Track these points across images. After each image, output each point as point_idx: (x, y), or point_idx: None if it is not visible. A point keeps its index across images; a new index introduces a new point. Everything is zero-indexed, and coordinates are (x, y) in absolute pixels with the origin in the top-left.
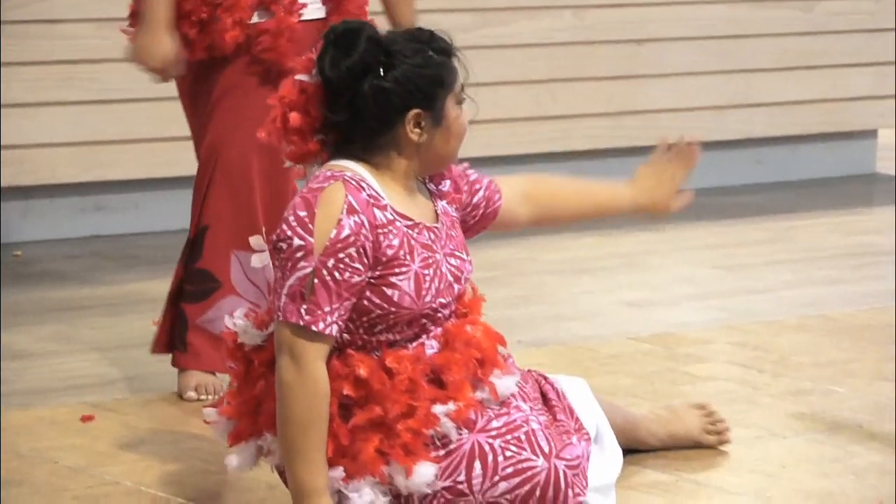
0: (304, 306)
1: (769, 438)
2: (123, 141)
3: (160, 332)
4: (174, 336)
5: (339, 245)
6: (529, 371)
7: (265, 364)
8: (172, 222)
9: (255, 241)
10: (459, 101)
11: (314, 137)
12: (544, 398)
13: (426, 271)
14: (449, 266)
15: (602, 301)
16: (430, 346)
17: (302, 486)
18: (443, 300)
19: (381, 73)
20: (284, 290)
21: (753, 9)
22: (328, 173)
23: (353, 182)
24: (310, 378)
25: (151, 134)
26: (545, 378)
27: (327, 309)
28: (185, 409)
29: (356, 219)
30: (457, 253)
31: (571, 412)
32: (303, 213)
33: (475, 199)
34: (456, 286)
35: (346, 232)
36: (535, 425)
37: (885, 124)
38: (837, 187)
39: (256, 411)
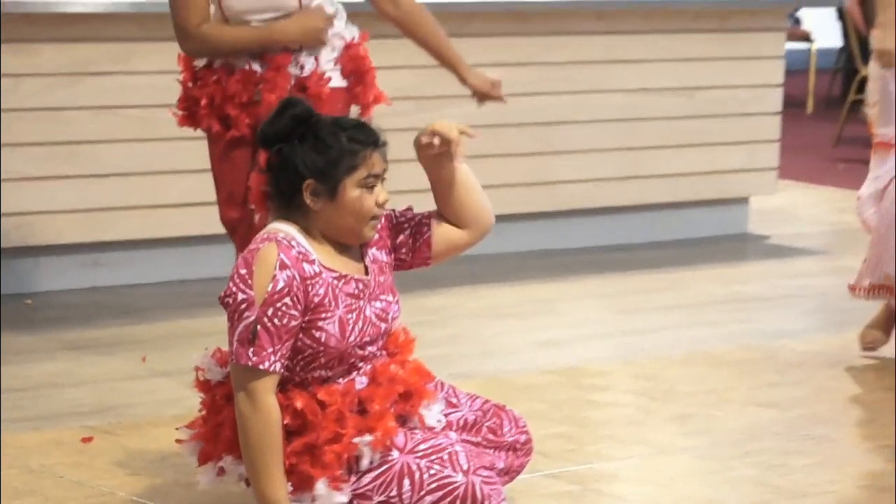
0: (252, 349)
1: (660, 455)
2: (118, 208)
3: None
4: None
5: (276, 296)
6: (483, 401)
7: (225, 397)
8: (160, 276)
9: None
10: (363, 186)
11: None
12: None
13: (349, 315)
14: (374, 309)
15: (519, 340)
16: (360, 381)
17: (265, 499)
18: (368, 339)
19: (295, 142)
20: (235, 338)
21: (645, 97)
22: (265, 235)
23: (285, 241)
24: (262, 409)
25: (142, 202)
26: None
27: (270, 350)
28: (167, 431)
29: (288, 273)
30: (382, 296)
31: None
32: (243, 272)
33: (400, 239)
34: (382, 325)
35: (280, 285)
36: (458, 447)
37: (756, 192)
38: (717, 245)
39: (220, 436)
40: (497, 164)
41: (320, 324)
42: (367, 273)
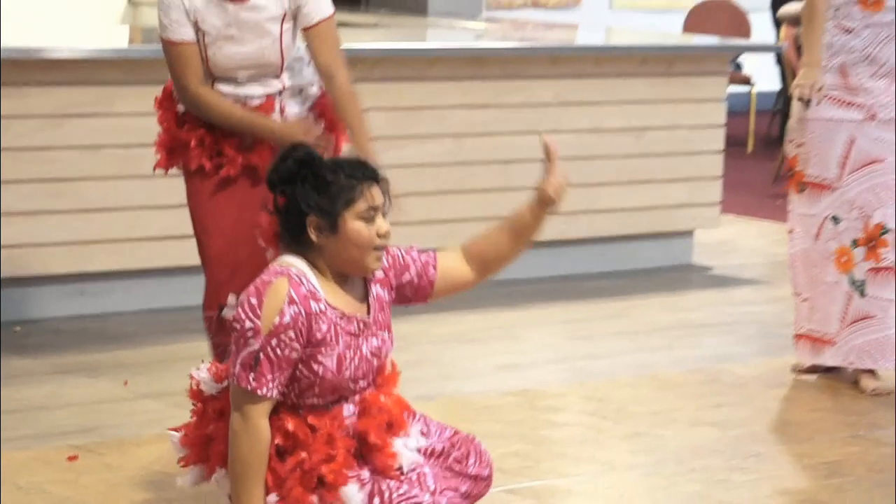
0: (252, 375)
1: (611, 472)
2: (102, 241)
3: None
4: None
5: (281, 329)
6: (453, 432)
7: (216, 412)
8: (141, 304)
9: (231, 299)
10: (363, 218)
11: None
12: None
13: (347, 352)
14: (370, 346)
15: (480, 364)
16: (347, 409)
17: None
18: (361, 374)
19: (297, 183)
20: (238, 361)
21: (596, 136)
22: (278, 268)
23: (297, 278)
24: (253, 430)
25: (124, 235)
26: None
27: (270, 377)
28: (148, 450)
29: (295, 308)
30: (379, 333)
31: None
32: (254, 301)
33: (405, 279)
34: (375, 361)
35: (287, 319)
36: (426, 469)
37: (700, 226)
38: (664, 275)
39: (204, 444)
40: (459, 200)
41: (320, 358)
42: (368, 310)
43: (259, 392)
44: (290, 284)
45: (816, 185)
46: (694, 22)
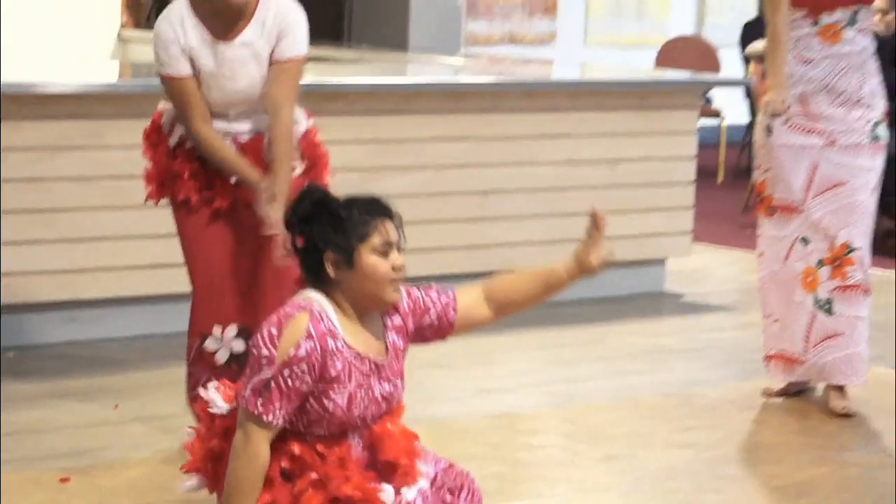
0: (261, 400)
1: (588, 492)
2: (93, 269)
3: None
4: None
5: (295, 361)
6: (447, 464)
7: (222, 429)
8: (131, 330)
9: (216, 330)
10: (377, 253)
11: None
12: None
13: (359, 391)
14: (382, 390)
15: (459, 388)
16: (354, 440)
17: None
18: (370, 415)
19: (314, 222)
20: (250, 385)
21: (571, 168)
22: (302, 302)
23: (318, 314)
24: (253, 452)
25: (114, 264)
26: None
27: (277, 406)
28: (138, 472)
29: (312, 343)
30: (392, 379)
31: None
32: (274, 331)
33: (426, 322)
34: (384, 405)
35: (302, 352)
36: (419, 500)
37: (672, 254)
38: (637, 302)
39: (206, 457)
40: (438, 229)
41: (331, 394)
42: (385, 352)
43: (265, 418)
44: (311, 320)
45: (785, 207)
46: (666, 57)
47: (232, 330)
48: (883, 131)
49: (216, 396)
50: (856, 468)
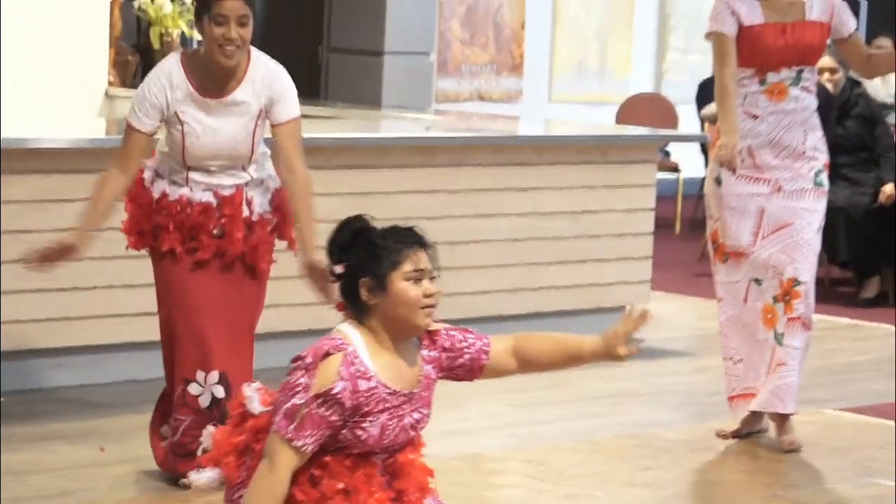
0: (293, 426)
1: None
2: (80, 318)
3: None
4: None
5: (329, 396)
6: None
7: (253, 429)
8: (116, 376)
9: (200, 375)
10: (410, 279)
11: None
12: None
13: (391, 422)
14: (411, 419)
15: (428, 430)
16: (379, 460)
17: None
18: (398, 443)
19: (352, 250)
20: (283, 410)
21: (536, 219)
22: (338, 341)
23: (350, 357)
24: (276, 479)
25: (100, 313)
26: None
27: (308, 433)
28: None
29: (345, 384)
30: (421, 409)
31: None
32: (311, 360)
33: (459, 362)
34: (412, 433)
35: (336, 390)
36: None
37: (631, 302)
38: None
39: (232, 451)
40: None
41: (364, 426)
42: (417, 383)
43: (295, 443)
44: (343, 362)
45: (736, 253)
46: (626, 114)
47: (214, 376)
48: (825, 180)
49: (254, 395)
50: None
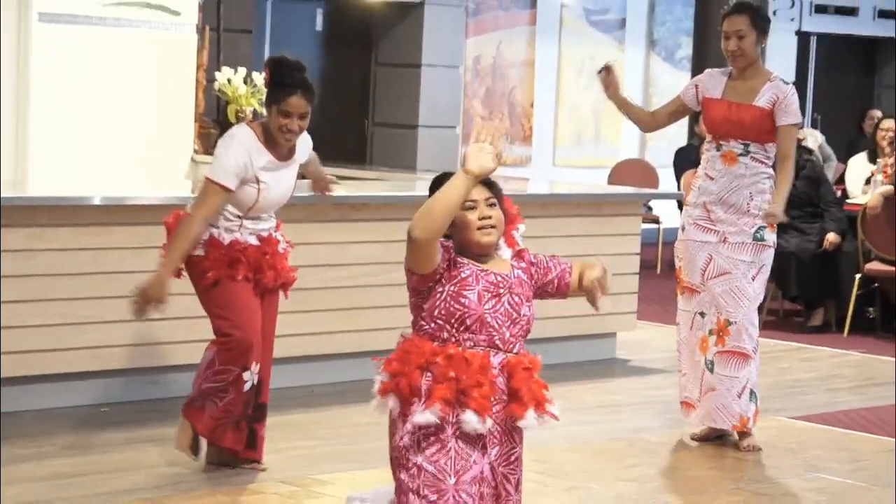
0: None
1: None
2: (75, 349)
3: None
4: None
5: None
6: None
7: (419, 364)
8: (100, 399)
9: (255, 367)
10: (465, 209)
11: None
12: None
13: (486, 293)
14: (510, 301)
15: None
16: (496, 358)
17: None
18: (500, 319)
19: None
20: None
21: None
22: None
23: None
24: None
25: (94, 344)
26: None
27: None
28: None
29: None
30: (517, 293)
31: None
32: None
33: (547, 279)
34: (514, 314)
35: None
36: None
37: (621, 329)
38: (593, 367)
39: (399, 378)
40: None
41: (465, 293)
42: (510, 273)
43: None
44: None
45: (689, 288)
46: (616, 175)
47: (256, 367)
48: (766, 235)
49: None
50: (764, 497)
